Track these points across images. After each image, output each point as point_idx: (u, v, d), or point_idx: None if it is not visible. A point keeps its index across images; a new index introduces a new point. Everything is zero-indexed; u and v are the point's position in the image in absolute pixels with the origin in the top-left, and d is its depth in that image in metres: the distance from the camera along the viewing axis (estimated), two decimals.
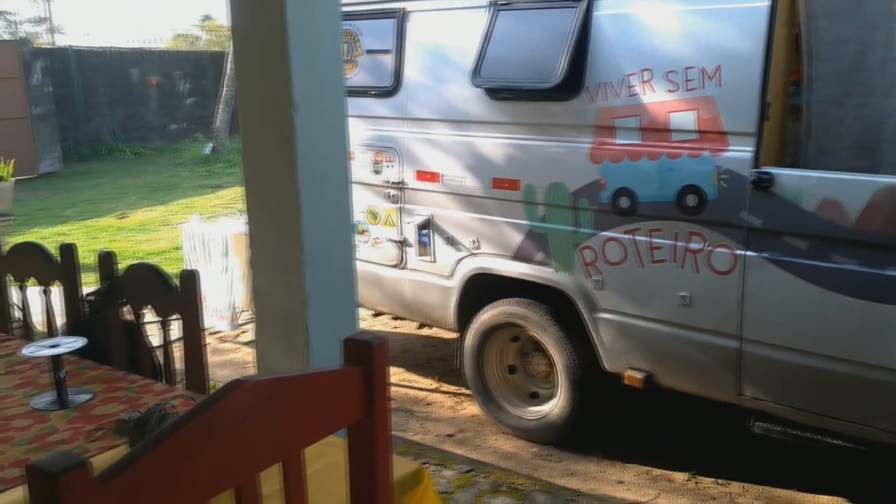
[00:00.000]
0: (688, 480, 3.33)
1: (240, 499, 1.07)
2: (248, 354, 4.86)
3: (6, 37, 21.37)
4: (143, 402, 1.90)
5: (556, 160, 3.36)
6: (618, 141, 3.18)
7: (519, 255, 3.53)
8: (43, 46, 16.89)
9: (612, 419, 3.77)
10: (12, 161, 5.23)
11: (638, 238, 3.15)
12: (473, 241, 3.69)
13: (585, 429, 3.59)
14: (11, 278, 2.84)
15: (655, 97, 3.07)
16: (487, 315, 3.72)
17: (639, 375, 3.25)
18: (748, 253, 2.89)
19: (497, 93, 3.52)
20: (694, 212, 2.99)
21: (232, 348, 5.02)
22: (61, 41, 21.79)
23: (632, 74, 3.12)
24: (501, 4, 3.55)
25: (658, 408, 3.90)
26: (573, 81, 3.26)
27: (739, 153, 2.88)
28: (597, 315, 3.33)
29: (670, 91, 3.03)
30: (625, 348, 3.29)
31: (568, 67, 3.24)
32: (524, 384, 3.80)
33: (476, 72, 3.54)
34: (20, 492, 1.47)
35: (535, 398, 3.76)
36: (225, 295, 4.96)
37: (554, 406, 3.59)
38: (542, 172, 3.41)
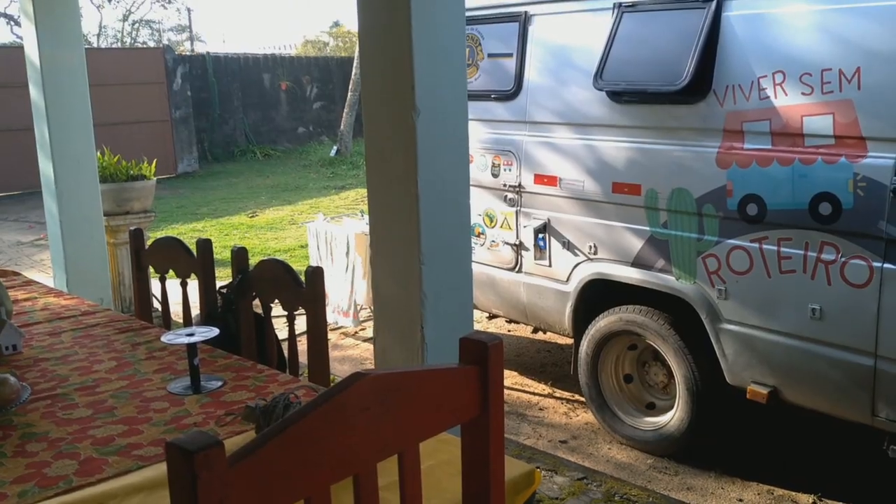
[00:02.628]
0: (813, 503, 3.16)
1: (358, 486, 1.12)
2: (367, 350, 5.01)
3: (151, 44, 22.89)
4: (269, 391, 1.99)
5: (681, 165, 3.28)
6: (747, 145, 3.07)
7: (639, 262, 3.47)
8: (184, 53, 17.98)
9: (732, 434, 3.64)
10: (154, 161, 5.59)
11: (766, 247, 3.03)
12: (591, 247, 3.66)
13: (704, 443, 3.49)
14: (153, 270, 3.05)
15: (788, 100, 2.94)
16: (604, 322, 3.67)
17: (763, 390, 3.12)
18: (886, 265, 2.72)
19: (621, 95, 3.48)
20: (828, 221, 2.85)
21: (352, 344, 5.18)
22: (200, 48, 23.13)
23: (763, 77, 3.01)
24: (626, 6, 3.50)
25: (782, 424, 3.72)
26: (701, 84, 3.17)
27: (880, 160, 2.72)
28: (720, 326, 3.22)
29: (805, 94, 2.89)
30: (749, 361, 3.17)
31: (696, 69, 3.16)
32: (641, 394, 3.73)
33: (599, 74, 3.51)
34: (158, 468, 1.59)
35: (652, 409, 3.68)
36: (347, 292, 5.13)
37: (672, 418, 3.50)
38: (665, 177, 3.34)
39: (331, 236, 5.22)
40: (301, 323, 2.44)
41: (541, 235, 3.87)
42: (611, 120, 3.54)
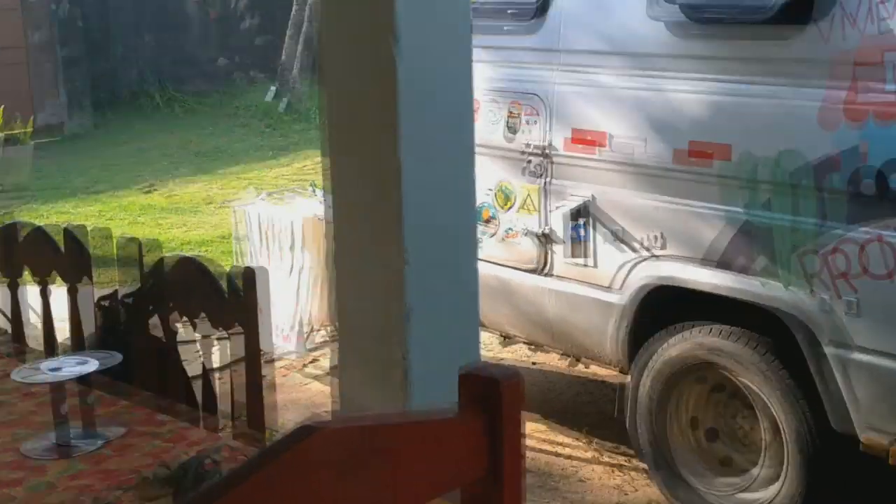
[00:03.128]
0: None
1: None
2: (321, 390, 5.01)
3: None
4: (174, 453, 1.99)
5: (789, 117, 3.30)
6: (891, 88, 3.08)
7: (725, 261, 3.48)
8: None
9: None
10: (1, 109, 5.59)
11: None
12: (654, 238, 3.66)
13: None
14: None
15: None
16: (675, 349, 3.68)
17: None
18: None
19: (696, 13, 3.49)
20: None
21: (300, 382, 5.19)
22: None
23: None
24: None
25: None
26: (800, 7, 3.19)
27: None
28: (849, 355, 3.24)
29: None
30: (891, 406, 3.18)
31: None
32: (731, 457, 3.74)
33: None
34: None
35: (747, 476, 3.69)
36: (292, 305, 5.13)
37: (777, 492, 3.52)
38: (765, 136, 3.34)
39: (269, 223, 5.22)
40: (226, 350, 2.44)
41: (579, 221, 3.87)
42: (682, 50, 3.56)
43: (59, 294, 2.83)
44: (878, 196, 3.10)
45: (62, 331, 2.90)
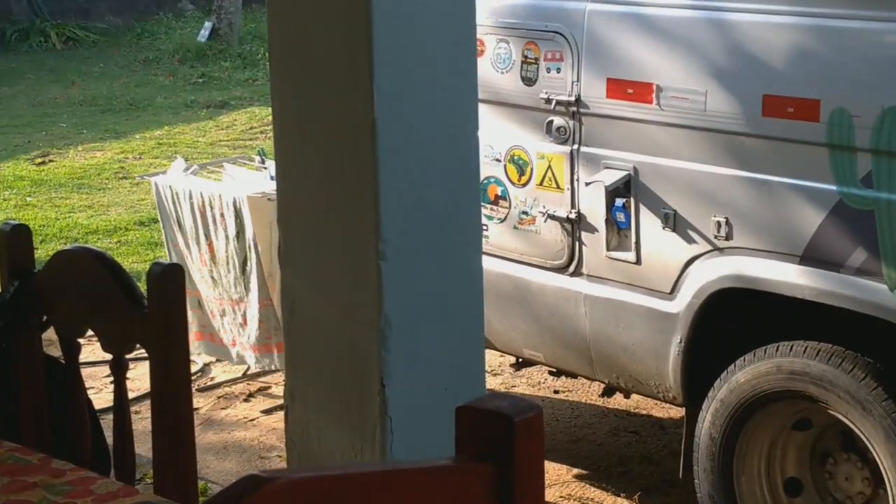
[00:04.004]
0: None
1: None
2: (273, 428, 5.01)
3: None
4: None
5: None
6: None
7: (815, 255, 3.48)
8: None
9: None
10: None
11: None
12: (720, 224, 3.66)
13: None
14: None
15: None
16: (747, 375, 3.68)
17: None
18: None
19: None
20: None
21: (243, 417, 5.20)
22: None
23: None
24: None
25: None
26: None
27: None
28: None
29: None
30: None
31: None
32: None
33: None
34: None
35: None
36: (230, 311, 5.13)
37: None
38: (870, 87, 3.36)
39: (201, 202, 5.22)
40: (140, 374, 2.45)
41: (620, 202, 3.87)
42: None
43: None
44: None
45: None
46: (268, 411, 5.21)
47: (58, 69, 14.41)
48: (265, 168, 5.28)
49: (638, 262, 3.88)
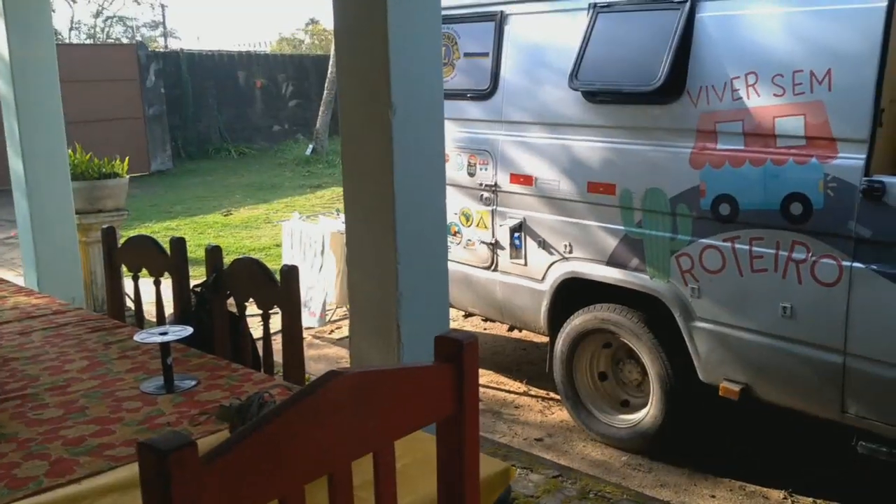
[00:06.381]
0: (784, 499, 3.21)
1: (333, 485, 1.11)
2: (340, 351, 4.99)
3: (125, 41, 22.61)
4: (243, 390, 1.98)
5: (655, 165, 3.31)
6: (720, 146, 3.11)
7: (613, 261, 3.49)
8: (158, 50, 17.79)
9: (705, 431, 3.67)
10: (127, 159, 5.53)
11: (738, 246, 3.06)
12: (566, 246, 3.67)
13: (678, 440, 3.52)
14: (126, 269, 3.01)
15: (761, 101, 2.97)
16: (579, 320, 3.69)
17: (735, 388, 3.15)
18: (855, 265, 2.77)
19: (595, 95, 3.50)
20: (799, 220, 2.89)
21: (325, 344, 5.16)
22: (174, 45, 22.87)
23: (736, 78, 3.04)
24: (601, 7, 3.52)
25: (753, 422, 3.77)
26: (675, 84, 3.20)
27: (850, 160, 2.76)
28: (693, 324, 3.26)
29: (777, 95, 2.93)
30: (721, 359, 3.20)
31: (670, 70, 3.18)
32: (615, 391, 3.75)
33: (574, 74, 3.52)
34: (131, 469, 1.57)
35: (626, 406, 3.70)
36: (320, 292, 5.11)
37: (645, 415, 3.53)
38: (639, 177, 3.36)
39: (306, 235, 5.19)
40: (276, 322, 2.43)
41: (516, 234, 3.88)
42: (586, 120, 3.56)
43: (166, 284, 2.81)
44: (712, 218, 3.13)
45: (168, 309, 2.88)
46: (338, 340, 5.19)
47: (234, 168, 14.31)
48: (337, 217, 5.26)
49: (525, 264, 3.88)
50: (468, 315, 4.62)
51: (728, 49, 3.09)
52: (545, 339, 4.04)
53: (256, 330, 2.63)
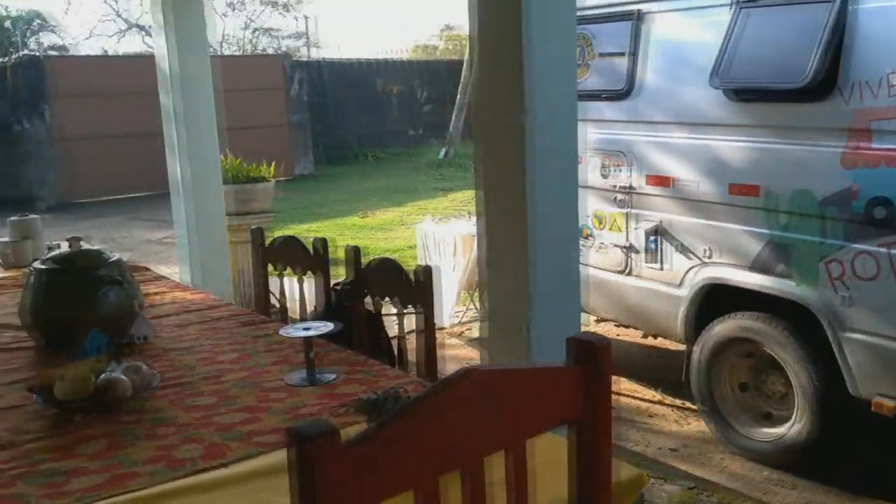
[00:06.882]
0: None
1: (467, 480, 1.14)
2: (471, 352, 5.04)
3: (270, 52, 23.82)
4: (379, 385, 2.04)
5: (803, 165, 3.15)
6: (875, 145, 2.92)
7: (757, 266, 3.35)
8: (301, 59, 18.61)
9: (856, 449, 3.45)
10: (273, 164, 5.84)
11: (895, 252, 2.86)
12: (706, 250, 3.56)
13: (826, 456, 3.32)
14: (272, 268, 3.19)
15: None
16: (720, 328, 3.56)
17: (890, 403, 2.95)
18: None
19: (739, 94, 3.37)
20: None
21: (458, 344, 5.24)
22: (317, 54, 23.85)
23: (893, 73, 2.84)
24: (745, 2, 3.39)
25: None
26: (825, 81, 3.04)
27: None
28: (844, 335, 3.07)
29: None
30: (875, 373, 3.00)
31: (820, 66, 3.02)
32: (757, 403, 3.59)
33: (716, 72, 3.42)
34: (277, 455, 1.67)
35: (769, 419, 3.53)
36: (453, 293, 5.19)
37: (790, 429, 3.36)
38: (786, 178, 3.21)
39: (439, 237, 5.29)
40: (411, 321, 2.49)
41: (652, 238, 3.79)
42: (728, 119, 3.44)
43: (308, 282, 2.94)
44: (865, 222, 2.95)
45: (310, 306, 3.01)
46: (471, 341, 5.25)
47: (370, 172, 14.76)
48: (469, 220, 5.32)
49: (662, 268, 3.79)
50: (601, 320, 4.56)
51: (885, 42, 2.90)
52: (681, 347, 3.93)
53: (392, 328, 2.71)
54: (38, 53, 17.22)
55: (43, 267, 2.43)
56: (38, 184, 12.85)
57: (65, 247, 2.62)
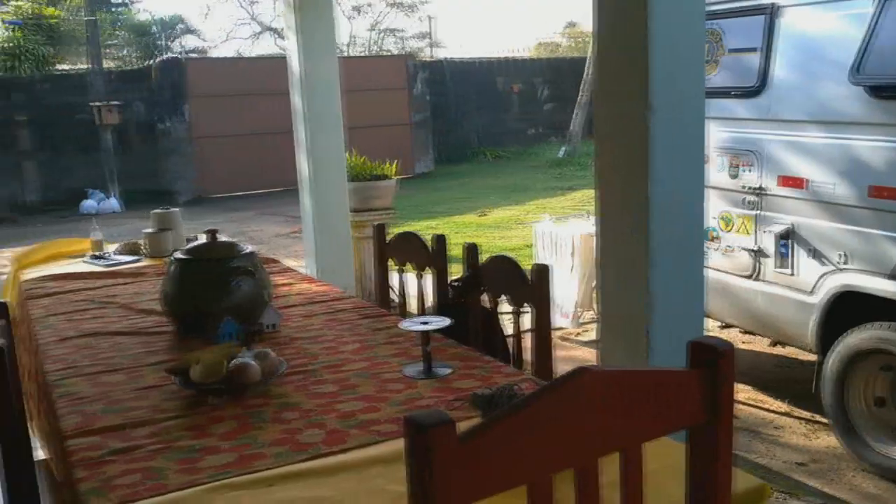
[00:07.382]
0: None
1: (580, 480, 1.14)
2: (588, 353, 4.98)
3: (395, 52, 24.33)
4: (494, 381, 2.06)
5: None
6: None
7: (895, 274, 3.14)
8: (424, 59, 18.92)
9: None
10: (395, 162, 5.97)
11: None
12: (841, 255, 3.37)
13: None
14: (392, 263, 3.27)
15: None
16: (854, 338, 3.36)
17: None
18: None
19: (881, 90, 3.17)
20: None
21: (572, 346, 5.19)
22: (439, 54, 24.17)
23: None
24: None
25: None
26: None
27: None
28: None
29: None
30: None
31: None
32: (894, 419, 3.37)
33: (857, 68, 3.23)
34: (394, 444, 1.72)
35: None
36: (570, 293, 5.14)
37: None
38: None
39: (556, 237, 5.25)
40: (526, 319, 2.49)
41: (783, 241, 3.63)
42: (869, 117, 3.25)
43: (427, 278, 3.00)
44: None
45: (428, 301, 3.07)
46: (584, 344, 5.19)
47: (489, 171, 14.83)
48: (588, 219, 5.26)
49: (793, 274, 3.62)
50: (725, 326, 4.40)
51: None
52: (812, 357, 3.73)
53: (507, 326, 2.72)
54: (179, 56, 18.31)
55: (182, 257, 2.60)
56: (176, 179, 13.69)
57: (202, 238, 2.78)
